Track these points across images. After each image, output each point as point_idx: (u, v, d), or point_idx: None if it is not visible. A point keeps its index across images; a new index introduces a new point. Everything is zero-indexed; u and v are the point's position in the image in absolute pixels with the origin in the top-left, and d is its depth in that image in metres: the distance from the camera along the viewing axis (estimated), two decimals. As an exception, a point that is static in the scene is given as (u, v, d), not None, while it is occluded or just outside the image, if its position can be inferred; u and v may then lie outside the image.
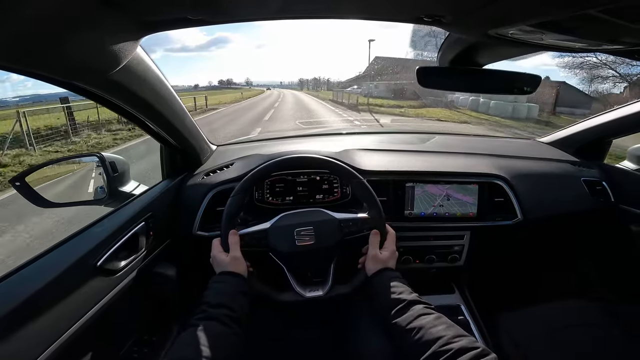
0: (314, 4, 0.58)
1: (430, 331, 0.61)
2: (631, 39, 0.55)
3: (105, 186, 1.03)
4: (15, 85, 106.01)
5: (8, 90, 34.49)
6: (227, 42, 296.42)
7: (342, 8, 0.60)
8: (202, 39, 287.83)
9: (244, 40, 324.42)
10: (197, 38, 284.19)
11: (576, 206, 1.28)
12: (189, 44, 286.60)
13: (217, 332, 0.62)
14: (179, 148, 1.08)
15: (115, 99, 0.74)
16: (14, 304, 0.58)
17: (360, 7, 0.58)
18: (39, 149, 7.48)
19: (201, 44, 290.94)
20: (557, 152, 1.48)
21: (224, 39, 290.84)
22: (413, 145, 1.43)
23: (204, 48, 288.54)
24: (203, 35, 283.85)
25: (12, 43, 0.42)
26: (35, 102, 30.61)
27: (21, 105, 16.62)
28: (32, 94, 55.29)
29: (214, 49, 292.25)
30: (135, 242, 0.89)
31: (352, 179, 0.90)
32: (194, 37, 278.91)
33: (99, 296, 0.75)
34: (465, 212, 1.15)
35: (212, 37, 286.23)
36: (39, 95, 34.80)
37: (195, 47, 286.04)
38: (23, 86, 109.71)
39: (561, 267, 1.57)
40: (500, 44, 0.67)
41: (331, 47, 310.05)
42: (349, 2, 0.57)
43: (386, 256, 0.83)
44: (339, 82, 55.90)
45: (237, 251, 0.80)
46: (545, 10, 0.44)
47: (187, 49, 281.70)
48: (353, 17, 0.62)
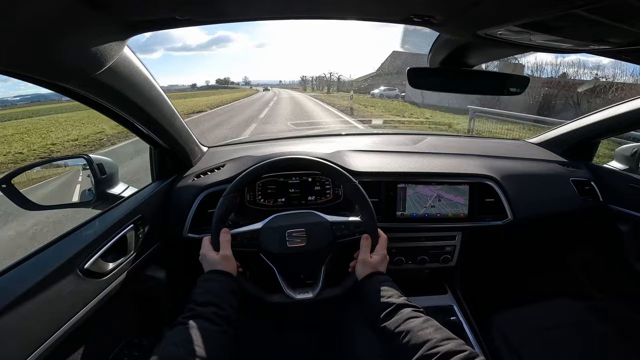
0: (302, 5, 0.57)
1: (418, 334, 0.61)
2: (617, 39, 0.55)
3: (93, 188, 1.02)
4: (16, 85, 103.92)
5: (9, 90, 33.22)
6: (228, 41, 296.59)
7: (330, 9, 0.59)
8: (203, 38, 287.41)
9: (245, 39, 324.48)
10: (199, 37, 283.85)
11: (565, 206, 1.29)
12: (190, 43, 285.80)
13: (205, 330, 0.61)
14: (168, 150, 1.07)
15: (102, 100, 0.73)
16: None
17: (350, 7, 0.58)
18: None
19: (202, 43, 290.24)
20: (545, 153, 1.50)
21: (225, 38, 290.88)
22: (405, 146, 1.43)
23: (205, 47, 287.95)
24: (204, 35, 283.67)
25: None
26: (33, 101, 30.02)
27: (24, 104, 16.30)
28: (32, 93, 54.29)
29: (214, 48, 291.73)
30: (124, 244, 0.87)
31: (344, 182, 0.90)
32: (195, 36, 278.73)
33: (87, 299, 0.74)
34: (456, 212, 1.16)
35: (213, 36, 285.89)
36: (38, 94, 34.30)
37: (197, 46, 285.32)
38: (25, 85, 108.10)
39: (552, 266, 1.58)
40: (489, 45, 0.68)
41: (337, 43, 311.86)
42: (337, 3, 0.57)
43: (376, 260, 0.82)
44: (350, 81, 44.89)
45: (228, 250, 0.80)
46: (532, 10, 0.44)
47: (189, 48, 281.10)
48: (342, 18, 0.62)
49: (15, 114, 22.98)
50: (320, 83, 50.80)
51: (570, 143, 1.47)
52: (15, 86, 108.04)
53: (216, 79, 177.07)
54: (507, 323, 1.10)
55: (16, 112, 26.86)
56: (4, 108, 29.78)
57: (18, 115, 20.92)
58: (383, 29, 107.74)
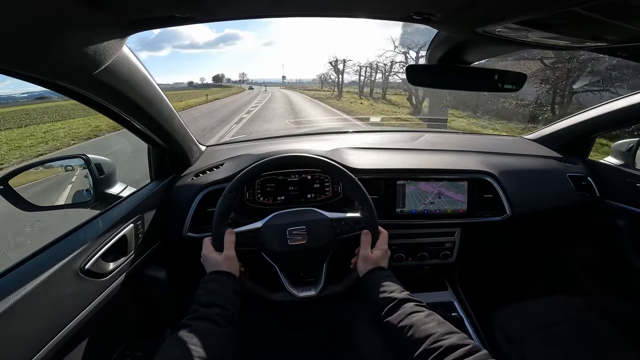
0: (302, 2, 0.57)
1: (421, 329, 0.61)
2: (614, 36, 0.56)
3: (92, 188, 1.01)
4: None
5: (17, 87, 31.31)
6: (236, 39, 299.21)
7: (330, 6, 0.59)
8: (211, 35, 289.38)
9: (252, 37, 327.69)
10: (206, 35, 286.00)
11: (563, 201, 1.31)
12: (198, 41, 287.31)
13: (209, 331, 0.61)
14: (167, 149, 1.06)
15: (100, 99, 0.72)
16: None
17: (350, 5, 0.58)
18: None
19: (210, 40, 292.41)
20: (542, 149, 1.52)
21: (234, 35, 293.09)
22: (403, 143, 1.44)
23: (213, 45, 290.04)
24: (212, 32, 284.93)
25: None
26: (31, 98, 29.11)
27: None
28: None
29: (222, 46, 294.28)
30: (123, 244, 0.87)
31: (344, 178, 0.90)
32: (203, 34, 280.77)
33: (88, 300, 0.74)
34: (455, 208, 1.17)
35: (221, 34, 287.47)
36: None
37: (204, 44, 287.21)
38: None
39: (550, 261, 1.60)
40: (487, 42, 0.68)
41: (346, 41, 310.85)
42: (338, 0, 0.57)
43: (378, 255, 0.83)
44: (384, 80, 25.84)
45: (232, 250, 0.79)
46: (531, 7, 0.45)
47: (196, 45, 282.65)
48: (342, 15, 0.62)
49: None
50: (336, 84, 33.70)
51: (566, 139, 1.48)
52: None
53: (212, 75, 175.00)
54: (507, 318, 1.11)
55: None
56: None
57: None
58: (389, 29, 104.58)
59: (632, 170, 1.33)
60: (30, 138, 11.00)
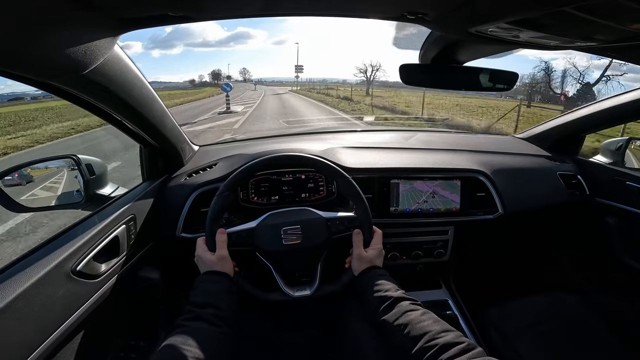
0: (295, 2, 0.57)
1: (416, 327, 0.62)
2: (603, 35, 0.57)
3: (82, 189, 0.99)
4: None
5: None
6: (248, 37, 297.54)
7: (324, 5, 0.59)
8: (223, 34, 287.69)
9: (264, 36, 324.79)
10: (218, 33, 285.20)
11: (554, 199, 1.32)
12: (210, 39, 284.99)
13: (204, 331, 0.61)
14: (159, 149, 1.05)
15: (91, 99, 0.71)
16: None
17: (344, 4, 0.58)
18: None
19: (221, 39, 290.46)
20: (533, 148, 1.54)
21: (245, 34, 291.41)
22: (396, 142, 1.45)
23: (224, 43, 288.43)
24: (223, 31, 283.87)
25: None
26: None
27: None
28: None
29: (233, 44, 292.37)
30: (116, 245, 0.86)
31: (338, 177, 0.90)
32: (214, 32, 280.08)
33: (80, 302, 0.73)
34: (448, 207, 1.18)
35: (232, 32, 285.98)
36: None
37: (215, 42, 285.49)
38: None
39: (542, 259, 1.62)
40: (479, 42, 0.69)
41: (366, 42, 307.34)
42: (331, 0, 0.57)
43: (372, 255, 0.83)
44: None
45: (225, 250, 0.79)
46: (523, 7, 0.46)
47: (208, 44, 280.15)
48: (336, 15, 0.62)
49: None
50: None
51: (556, 138, 1.51)
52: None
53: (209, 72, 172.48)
54: (501, 316, 1.13)
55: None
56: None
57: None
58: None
59: (621, 168, 1.36)
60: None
